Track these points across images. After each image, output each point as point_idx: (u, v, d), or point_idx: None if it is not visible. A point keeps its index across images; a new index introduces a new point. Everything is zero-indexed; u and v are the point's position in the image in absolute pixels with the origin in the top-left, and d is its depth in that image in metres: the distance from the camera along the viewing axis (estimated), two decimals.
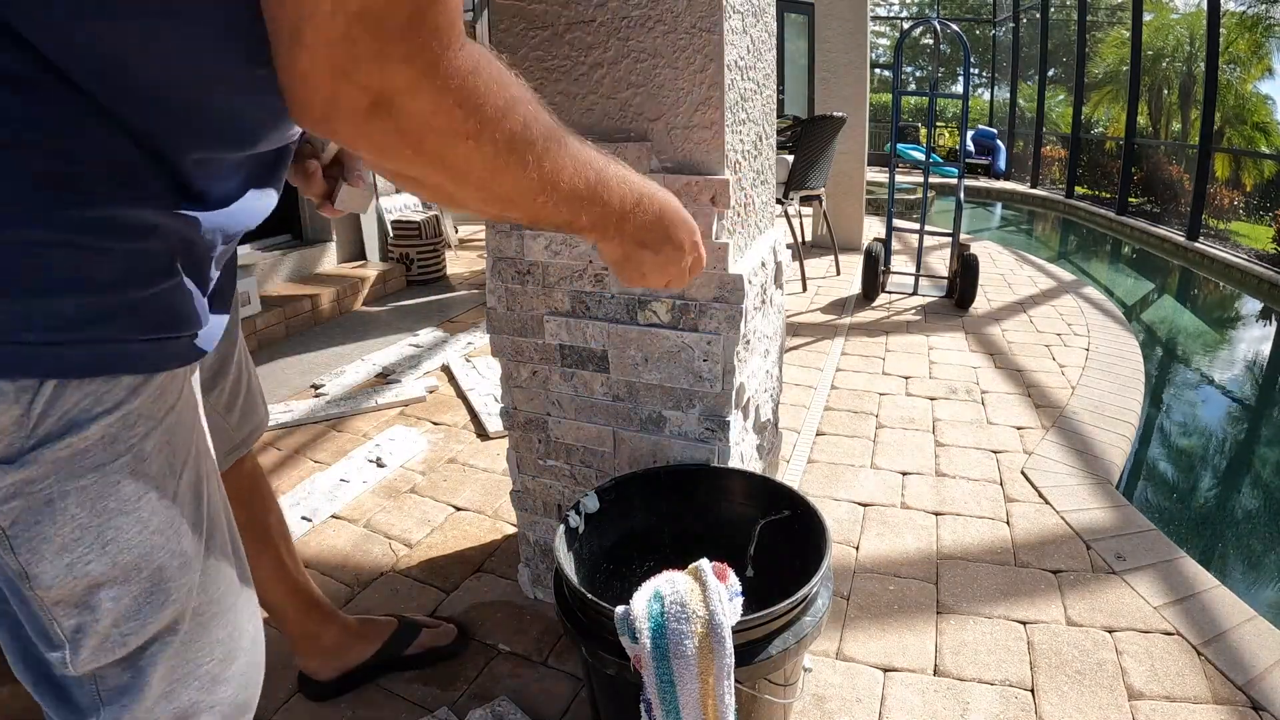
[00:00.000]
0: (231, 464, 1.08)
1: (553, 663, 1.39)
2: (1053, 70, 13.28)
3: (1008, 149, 12.45)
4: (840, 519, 1.88)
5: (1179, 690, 1.32)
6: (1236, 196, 9.14)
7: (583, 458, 1.39)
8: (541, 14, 1.23)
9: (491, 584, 1.62)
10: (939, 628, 1.49)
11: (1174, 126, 12.95)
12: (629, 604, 0.89)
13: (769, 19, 1.39)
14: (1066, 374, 2.86)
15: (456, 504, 1.95)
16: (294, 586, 1.24)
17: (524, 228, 1.31)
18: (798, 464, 2.16)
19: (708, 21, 1.13)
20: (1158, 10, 12.67)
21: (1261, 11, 10.57)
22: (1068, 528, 1.82)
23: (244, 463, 1.12)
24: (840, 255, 4.58)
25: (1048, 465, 2.14)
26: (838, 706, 1.30)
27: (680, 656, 0.84)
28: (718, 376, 1.22)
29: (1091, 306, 3.85)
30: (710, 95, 1.16)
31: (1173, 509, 2.58)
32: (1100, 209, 8.82)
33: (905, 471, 2.11)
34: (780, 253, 1.51)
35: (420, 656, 1.37)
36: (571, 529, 1.10)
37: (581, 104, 1.25)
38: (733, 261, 1.20)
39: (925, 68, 20.50)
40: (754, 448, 1.45)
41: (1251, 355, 4.45)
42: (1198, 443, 3.18)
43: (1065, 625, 1.49)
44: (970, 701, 1.31)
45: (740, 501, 1.21)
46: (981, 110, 15.36)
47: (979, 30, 17.45)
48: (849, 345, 3.22)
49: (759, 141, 1.38)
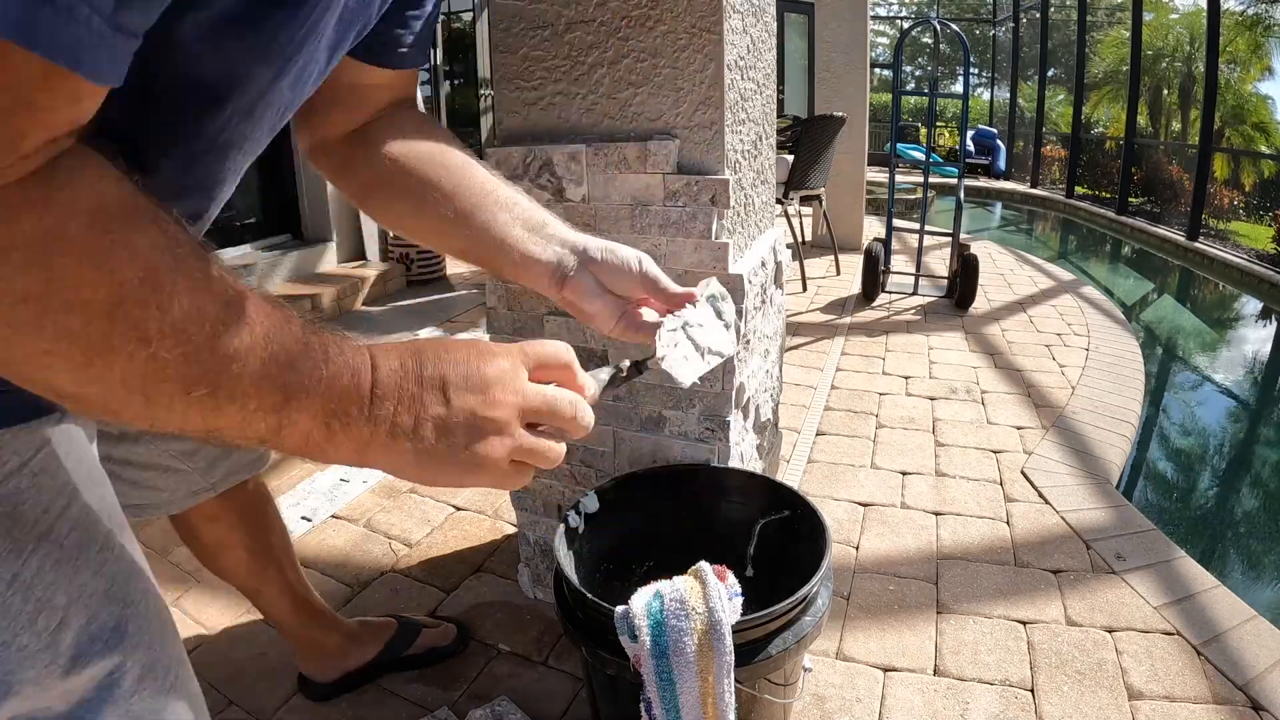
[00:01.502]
0: (229, 487, 1.08)
1: (553, 663, 1.39)
2: (1053, 70, 13.27)
3: (1008, 149, 12.45)
4: (840, 519, 1.88)
5: (1179, 690, 1.32)
6: (1236, 196, 9.14)
7: (583, 458, 1.39)
8: (541, 14, 1.23)
9: (491, 584, 1.62)
10: (939, 627, 1.49)
11: (1174, 126, 12.95)
12: (629, 604, 0.89)
13: (769, 19, 1.39)
14: (1066, 374, 2.86)
15: (456, 504, 1.95)
16: (296, 600, 1.25)
17: None
18: (798, 464, 2.16)
19: (708, 21, 1.13)
20: (1157, 10, 12.67)
21: (1261, 11, 10.57)
22: (1068, 527, 1.82)
23: (246, 483, 1.12)
24: (840, 255, 4.58)
25: (1048, 465, 2.14)
26: (838, 706, 1.30)
27: (680, 654, 0.84)
28: (718, 376, 1.22)
29: (1091, 306, 3.85)
30: (710, 95, 1.16)
31: (1172, 509, 2.58)
32: (1100, 209, 8.82)
33: (905, 471, 2.11)
34: (780, 252, 1.51)
35: (421, 656, 1.37)
36: (571, 529, 1.10)
37: (581, 104, 1.25)
38: (733, 261, 1.20)
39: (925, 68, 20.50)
40: (754, 447, 1.45)
41: (1251, 355, 4.45)
42: (1197, 443, 3.18)
43: (1065, 625, 1.49)
44: (970, 701, 1.31)
45: (740, 501, 1.21)
46: (981, 110, 15.36)
47: (979, 30, 17.45)
48: (849, 345, 3.22)
49: (759, 141, 1.38)
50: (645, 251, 0.66)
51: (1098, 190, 10.18)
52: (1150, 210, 8.77)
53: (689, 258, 1.20)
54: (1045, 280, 4.40)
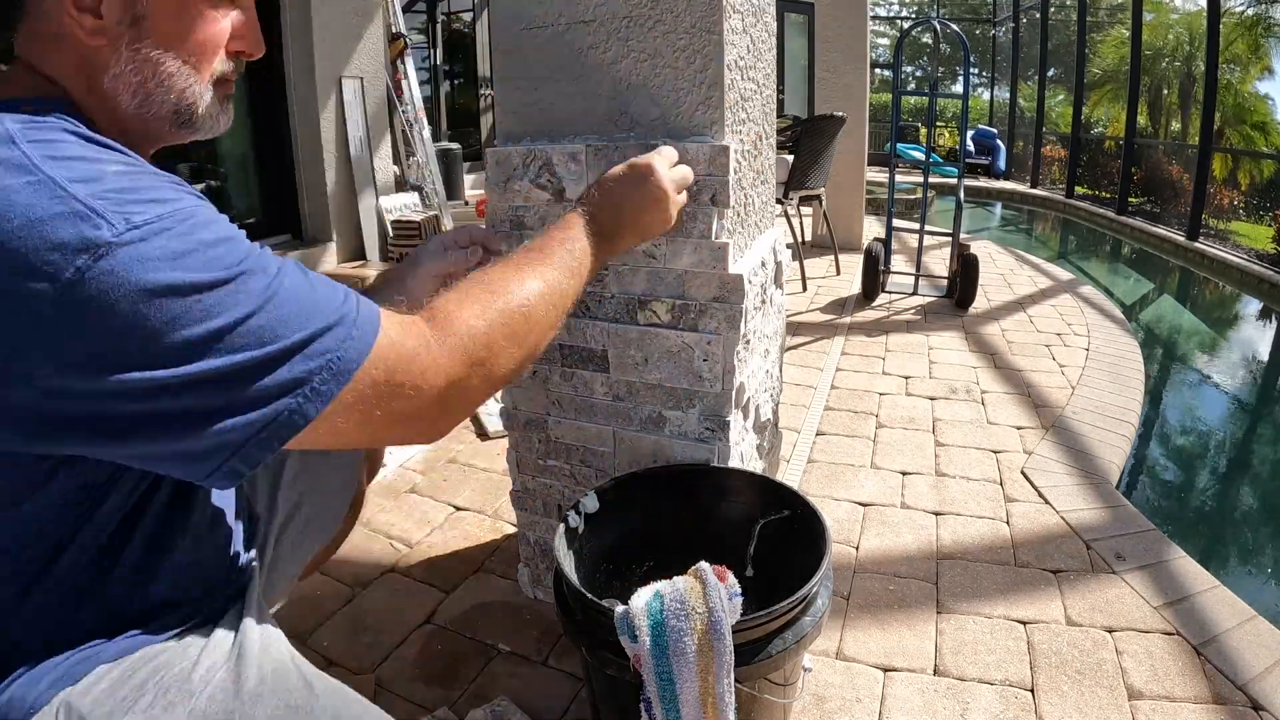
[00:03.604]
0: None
1: (553, 663, 1.39)
2: (1053, 70, 13.27)
3: (1007, 149, 12.44)
4: (840, 519, 1.88)
5: (1179, 690, 1.32)
6: (1236, 196, 9.14)
7: (583, 458, 1.39)
8: (541, 14, 1.23)
9: (491, 584, 1.62)
10: (939, 627, 1.49)
11: (1174, 126, 12.95)
12: (629, 604, 0.89)
13: (769, 19, 1.39)
14: (1066, 374, 2.87)
15: (456, 504, 1.95)
16: None
17: (523, 228, 1.31)
18: (798, 464, 2.16)
19: (708, 21, 1.13)
20: (1157, 10, 12.67)
21: (1261, 11, 10.57)
22: (1067, 527, 1.82)
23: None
24: (840, 255, 4.58)
25: (1047, 465, 2.14)
26: (838, 706, 1.30)
27: (680, 654, 0.84)
28: (718, 376, 1.22)
29: (1091, 306, 3.85)
30: (710, 95, 1.16)
31: (1172, 509, 2.58)
32: (1100, 209, 8.82)
33: (905, 471, 2.11)
34: (780, 252, 1.51)
35: None
36: (571, 529, 1.10)
37: (581, 104, 1.25)
38: (733, 261, 1.20)
39: (925, 68, 20.49)
40: (754, 447, 1.45)
41: (1251, 355, 4.45)
42: (1197, 442, 3.18)
43: (1065, 625, 1.49)
44: (970, 701, 1.31)
45: (740, 501, 1.21)
46: (981, 110, 15.35)
47: (979, 30, 17.44)
48: (849, 345, 3.22)
49: (759, 141, 1.38)
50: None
51: (1098, 190, 10.18)
52: (1150, 210, 8.76)
53: (688, 258, 1.20)
54: (1045, 280, 4.40)
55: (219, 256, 0.54)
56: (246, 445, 0.54)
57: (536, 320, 0.74)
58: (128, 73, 0.63)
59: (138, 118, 0.66)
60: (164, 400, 0.51)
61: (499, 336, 0.69)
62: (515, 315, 0.72)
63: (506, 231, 1.33)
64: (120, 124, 0.65)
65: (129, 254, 0.50)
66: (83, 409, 0.51)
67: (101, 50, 0.62)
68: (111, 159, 0.55)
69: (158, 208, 0.53)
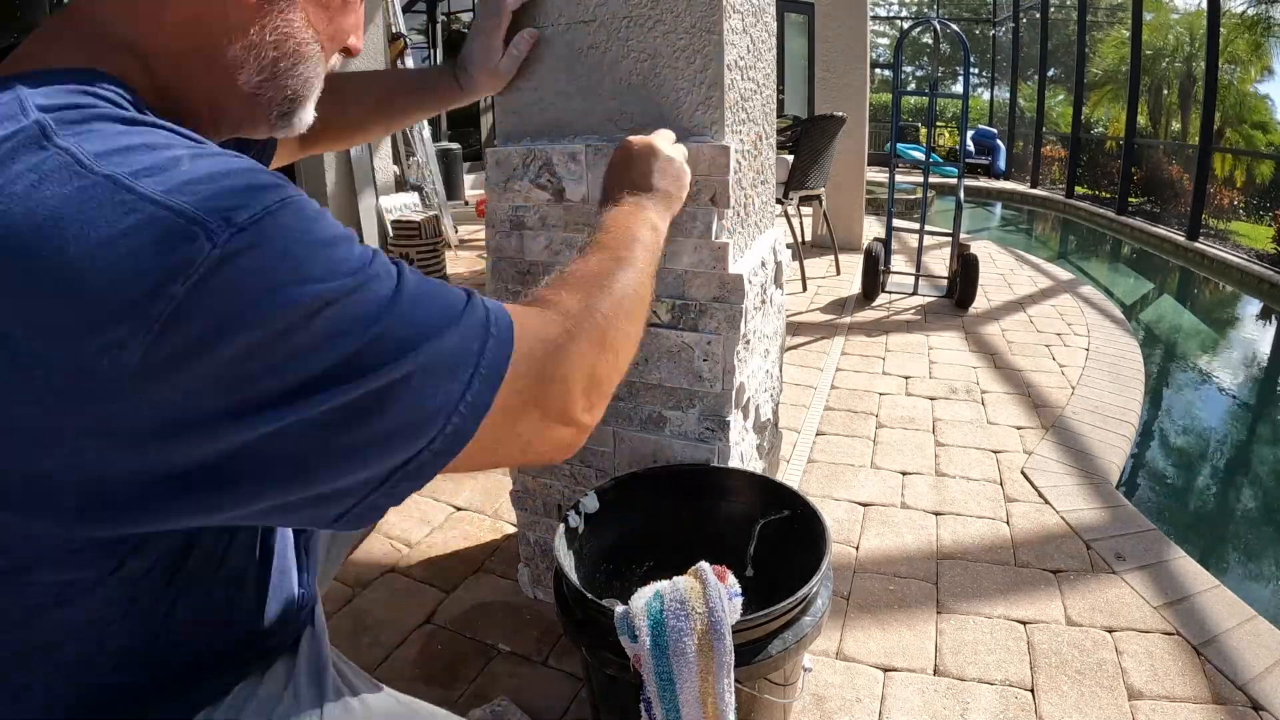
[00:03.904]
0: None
1: (553, 663, 1.39)
2: (1053, 70, 13.27)
3: (1008, 149, 12.44)
4: (840, 519, 1.88)
5: (1179, 690, 1.32)
6: (1236, 196, 9.14)
7: (582, 458, 1.39)
8: (541, 14, 1.22)
9: (491, 584, 1.62)
10: (939, 627, 1.49)
11: (1174, 126, 12.95)
12: (629, 604, 0.89)
13: (769, 19, 1.39)
14: (1066, 374, 2.87)
15: (456, 504, 1.95)
16: None
17: (523, 228, 1.31)
18: (798, 464, 2.16)
19: (708, 21, 1.13)
20: (1157, 10, 12.67)
21: (1261, 11, 10.57)
22: (1067, 527, 1.82)
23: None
24: (840, 255, 4.58)
25: (1047, 465, 2.14)
26: (838, 706, 1.30)
27: (679, 654, 0.84)
28: (718, 376, 1.22)
29: (1091, 306, 3.85)
30: (710, 95, 1.16)
31: (1172, 509, 2.58)
32: (1100, 209, 8.82)
33: (905, 471, 2.11)
34: (780, 252, 1.51)
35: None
36: (571, 529, 1.10)
37: (581, 104, 1.25)
38: (733, 261, 1.20)
39: (925, 68, 20.49)
40: (754, 447, 1.45)
41: (1251, 355, 4.45)
42: (1197, 443, 3.18)
43: (1065, 625, 1.49)
44: (970, 701, 1.31)
45: (740, 501, 1.21)
46: (981, 110, 15.35)
47: (979, 30, 17.44)
48: (849, 345, 3.22)
49: (759, 141, 1.38)
50: None
51: (1098, 190, 10.18)
52: (1150, 210, 8.76)
53: (688, 258, 1.20)
54: (1045, 280, 4.40)
55: (341, 259, 0.43)
56: (393, 477, 0.46)
57: (643, 298, 0.71)
58: (267, 44, 0.52)
59: (248, 98, 0.53)
60: (302, 443, 0.41)
61: (618, 317, 0.65)
62: (628, 296, 0.68)
63: (506, 231, 1.33)
64: (213, 104, 0.53)
65: (241, 267, 0.38)
66: (199, 470, 0.40)
67: (248, 10, 0.51)
68: (175, 141, 0.43)
69: (259, 197, 0.40)
